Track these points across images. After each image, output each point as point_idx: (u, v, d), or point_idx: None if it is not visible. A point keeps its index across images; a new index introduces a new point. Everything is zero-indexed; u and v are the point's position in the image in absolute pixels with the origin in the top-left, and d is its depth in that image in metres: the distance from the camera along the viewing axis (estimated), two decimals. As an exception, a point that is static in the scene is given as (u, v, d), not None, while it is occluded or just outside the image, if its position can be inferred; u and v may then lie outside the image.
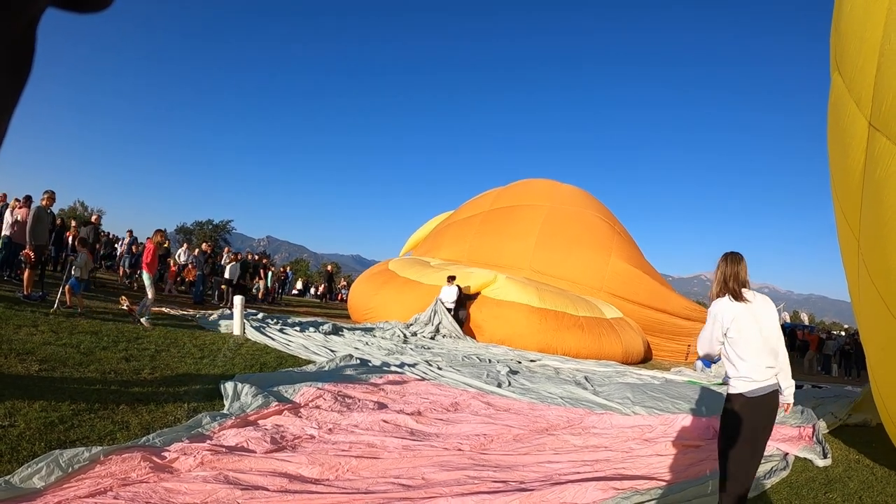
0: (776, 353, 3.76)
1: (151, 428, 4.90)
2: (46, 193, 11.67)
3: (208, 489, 3.75)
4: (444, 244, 23.70)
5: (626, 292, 20.36)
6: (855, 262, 6.57)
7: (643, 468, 5.39)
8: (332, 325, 14.45)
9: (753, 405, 3.67)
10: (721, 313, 3.80)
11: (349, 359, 9.57)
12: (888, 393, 6.48)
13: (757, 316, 3.76)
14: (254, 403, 5.93)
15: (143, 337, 9.16)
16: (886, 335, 5.77)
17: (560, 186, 25.06)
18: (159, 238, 11.89)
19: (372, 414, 6.25)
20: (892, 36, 5.15)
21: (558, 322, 16.22)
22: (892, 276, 5.31)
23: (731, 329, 3.75)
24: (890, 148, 5.17)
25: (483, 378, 9.38)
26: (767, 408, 3.71)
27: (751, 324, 3.72)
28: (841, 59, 6.64)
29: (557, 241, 21.10)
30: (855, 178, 6.13)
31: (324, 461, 4.57)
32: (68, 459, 3.72)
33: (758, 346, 3.71)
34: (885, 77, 5.27)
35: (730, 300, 3.81)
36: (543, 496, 4.22)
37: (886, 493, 5.64)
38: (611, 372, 12.80)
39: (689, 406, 8.43)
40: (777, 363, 3.76)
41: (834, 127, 7.09)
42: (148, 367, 7.06)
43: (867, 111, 5.69)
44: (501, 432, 6.19)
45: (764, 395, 3.68)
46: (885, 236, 5.30)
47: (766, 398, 3.69)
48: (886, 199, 5.24)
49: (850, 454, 7.17)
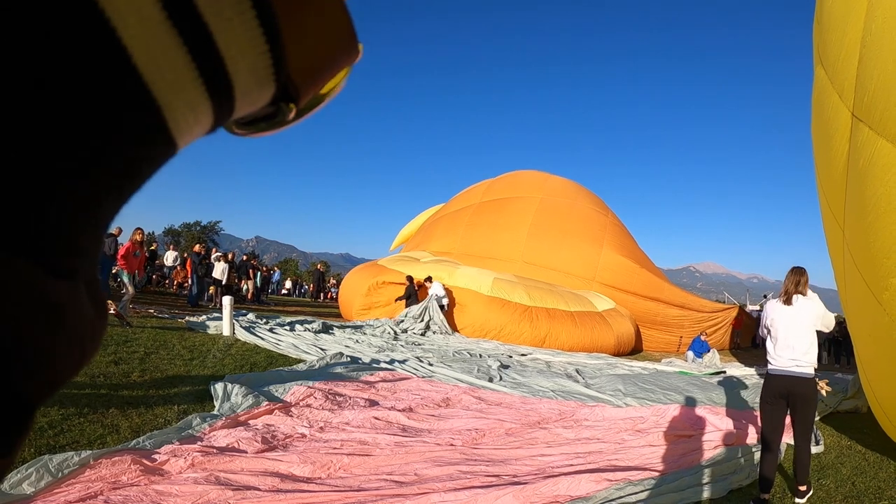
0: (794, 346, 4.69)
1: (141, 431, 4.87)
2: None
3: (199, 490, 3.73)
4: (435, 237, 23.69)
5: (618, 282, 20.43)
6: (841, 251, 6.63)
7: (636, 459, 5.41)
8: (322, 323, 14.40)
9: (773, 381, 4.80)
10: (766, 311, 5.05)
11: (339, 357, 9.54)
12: (875, 378, 6.55)
13: (795, 318, 4.75)
14: (244, 404, 5.91)
15: (131, 339, 9.10)
16: (873, 322, 5.82)
17: (551, 178, 25.10)
18: (138, 237, 11.70)
19: (363, 411, 6.24)
20: (873, 27, 5.19)
21: (550, 319, 16.20)
22: (876, 264, 5.36)
23: (769, 325, 4.89)
24: (872, 137, 5.21)
25: (474, 373, 9.39)
26: (785, 387, 4.72)
27: (783, 324, 4.77)
28: (824, 52, 6.69)
29: (549, 232, 21.13)
30: (839, 169, 6.19)
31: (315, 460, 4.56)
32: (58, 464, 3.69)
33: (782, 343, 4.75)
34: (866, 68, 5.31)
35: (777, 302, 4.94)
36: (537, 489, 4.23)
37: (879, 479, 5.70)
38: (602, 364, 12.84)
39: (681, 397, 8.47)
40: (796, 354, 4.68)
41: (818, 119, 7.15)
42: (137, 370, 7.02)
43: (850, 102, 5.74)
44: (493, 427, 6.19)
45: (783, 376, 4.73)
46: (869, 225, 5.35)
47: (787, 380, 4.71)
48: (869, 189, 5.29)
49: (842, 440, 7.23)
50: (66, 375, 0.26)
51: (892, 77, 4.86)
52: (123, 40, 0.22)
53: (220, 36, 0.24)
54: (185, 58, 0.23)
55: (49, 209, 0.22)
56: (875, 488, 5.40)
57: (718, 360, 16.73)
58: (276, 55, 0.26)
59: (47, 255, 0.23)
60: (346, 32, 0.30)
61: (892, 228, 5.00)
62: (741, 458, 5.60)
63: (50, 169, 0.22)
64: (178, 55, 0.23)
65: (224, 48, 0.24)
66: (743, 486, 5.09)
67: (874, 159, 5.18)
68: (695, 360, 16.83)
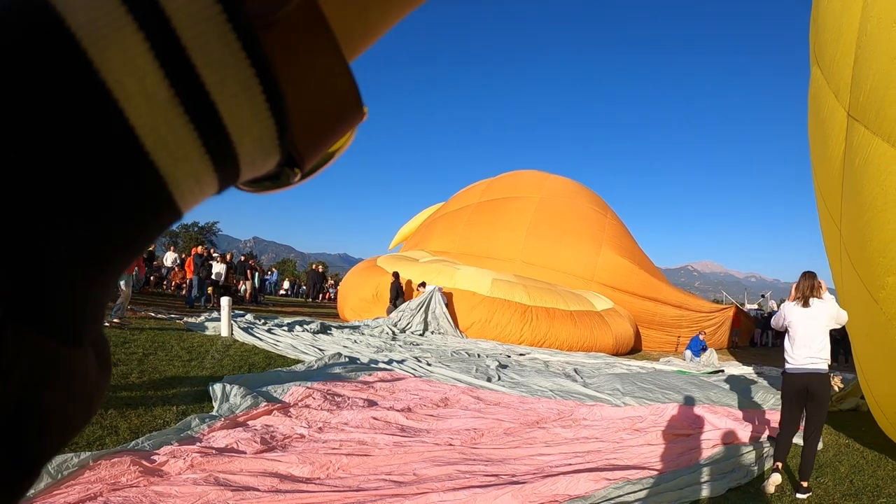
0: (809, 345, 5.13)
1: (140, 432, 4.87)
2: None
3: (199, 491, 3.74)
4: (433, 236, 23.65)
5: (616, 282, 20.40)
6: (838, 250, 6.66)
7: (634, 458, 5.42)
8: (320, 323, 14.40)
9: (792, 378, 5.27)
10: (784, 310, 5.42)
11: (338, 357, 9.54)
12: (872, 376, 6.58)
13: (812, 319, 5.15)
14: (243, 404, 5.91)
15: (130, 341, 9.10)
16: (870, 320, 5.85)
17: (550, 177, 25.03)
18: None
19: (362, 411, 6.25)
20: (868, 27, 5.21)
21: (550, 318, 16.16)
22: (872, 263, 5.38)
23: (788, 325, 5.28)
24: (868, 137, 5.24)
25: (472, 373, 9.39)
26: (803, 383, 5.19)
27: (800, 325, 5.18)
28: (820, 52, 6.73)
29: (548, 232, 21.08)
30: (835, 168, 6.22)
31: (314, 460, 4.56)
32: (57, 466, 3.69)
33: (800, 342, 5.16)
34: (861, 68, 5.34)
35: (796, 304, 5.29)
36: (535, 489, 4.24)
37: (877, 477, 5.72)
38: (600, 364, 12.85)
39: (679, 396, 8.48)
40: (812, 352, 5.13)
41: (814, 118, 7.19)
42: (136, 371, 7.02)
43: (845, 102, 5.77)
44: (492, 426, 6.20)
45: (801, 374, 5.19)
46: (865, 224, 5.37)
47: (804, 377, 5.18)
48: (866, 188, 5.31)
49: (840, 439, 7.26)
50: (76, 431, 0.27)
51: (888, 77, 4.89)
52: (130, 120, 0.23)
53: (227, 112, 0.24)
54: (191, 135, 0.24)
55: (62, 282, 0.23)
56: (873, 486, 5.42)
57: (716, 360, 16.77)
58: (281, 126, 0.26)
59: (60, 326, 0.24)
60: (351, 97, 0.30)
61: (888, 227, 5.03)
62: (739, 457, 5.62)
63: (62, 245, 0.23)
64: (184, 133, 0.24)
65: (230, 124, 0.25)
66: (741, 484, 5.11)
67: (870, 158, 5.21)
68: (693, 359, 16.86)
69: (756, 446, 6.13)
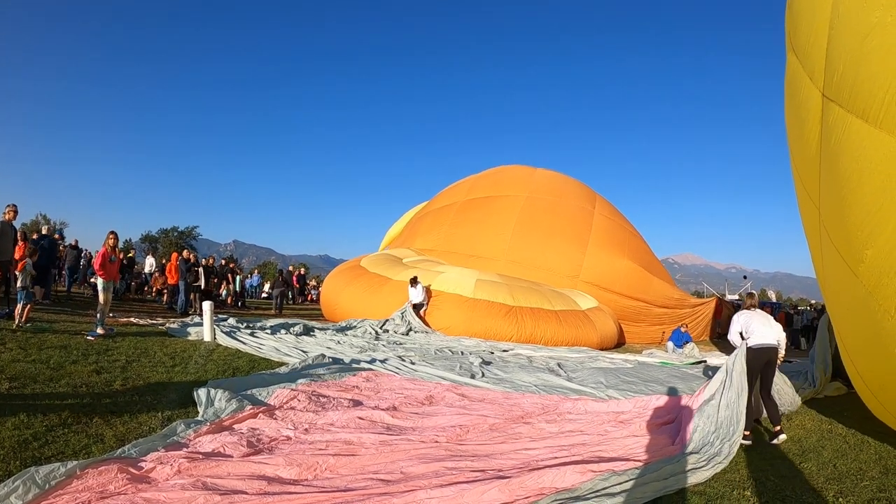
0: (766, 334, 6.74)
1: (126, 439, 4.85)
2: (9, 207, 11.31)
3: (187, 496, 3.74)
4: (419, 234, 23.53)
5: (603, 281, 20.29)
6: (817, 230, 6.79)
7: (620, 450, 5.50)
8: (303, 325, 14.37)
9: (758, 353, 6.62)
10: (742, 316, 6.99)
11: (321, 358, 9.55)
12: (855, 350, 6.71)
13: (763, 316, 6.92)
14: (228, 408, 5.90)
15: (112, 349, 9.03)
16: (850, 294, 5.94)
17: (537, 172, 24.87)
18: (111, 241, 11.13)
19: (347, 412, 6.26)
20: (841, 8, 5.35)
21: (535, 319, 16.16)
22: (851, 238, 5.48)
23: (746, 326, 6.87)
24: (843, 115, 5.37)
25: (456, 370, 9.45)
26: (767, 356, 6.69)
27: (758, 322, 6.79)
28: (795, 37, 6.88)
29: (534, 231, 20.95)
30: (812, 149, 6.35)
31: (301, 461, 4.58)
32: (45, 476, 3.67)
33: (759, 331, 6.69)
34: (835, 49, 5.48)
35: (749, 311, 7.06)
36: (522, 482, 4.28)
37: (860, 461, 5.84)
38: (583, 357, 12.95)
39: (662, 388, 8.60)
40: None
41: (790, 103, 7.33)
42: (119, 379, 6.97)
43: (820, 83, 5.91)
44: (477, 423, 6.25)
45: (765, 349, 6.61)
46: (843, 198, 5.49)
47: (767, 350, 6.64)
48: (842, 165, 5.44)
49: (823, 424, 7.40)
50: None
51: (859, 54, 5.01)
52: None
53: None
54: None
55: None
56: (856, 470, 5.53)
57: (697, 351, 16.99)
58: None
59: None
60: None
61: (866, 201, 5.13)
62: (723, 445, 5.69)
63: None
64: None
65: None
66: (725, 470, 5.19)
67: (846, 136, 5.34)
68: (675, 350, 17.06)
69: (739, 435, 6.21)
